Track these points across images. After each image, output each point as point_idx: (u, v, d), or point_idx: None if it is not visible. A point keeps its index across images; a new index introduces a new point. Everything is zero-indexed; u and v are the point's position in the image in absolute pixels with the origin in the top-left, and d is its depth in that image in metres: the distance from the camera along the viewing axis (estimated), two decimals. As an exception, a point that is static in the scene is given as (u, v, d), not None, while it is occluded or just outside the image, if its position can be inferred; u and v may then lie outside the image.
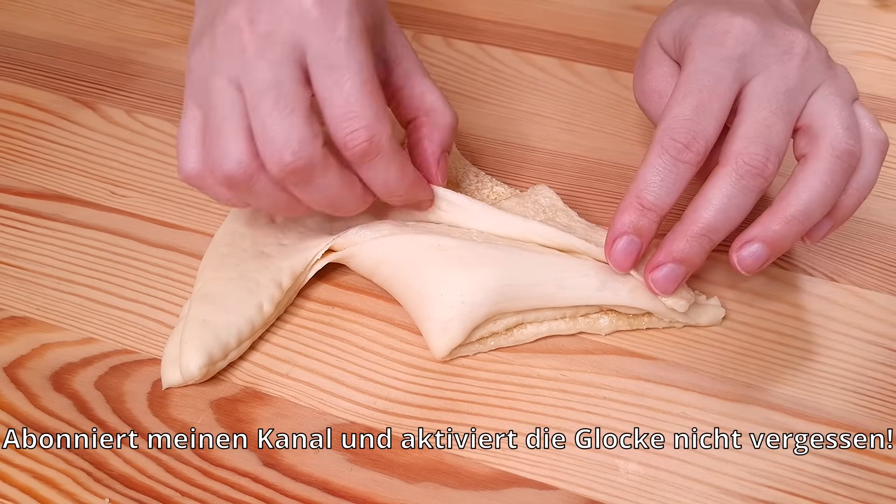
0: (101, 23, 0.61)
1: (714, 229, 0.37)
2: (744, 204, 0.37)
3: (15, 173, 0.50)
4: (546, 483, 0.36)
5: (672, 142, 0.37)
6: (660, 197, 0.37)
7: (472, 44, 0.58)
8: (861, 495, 0.35)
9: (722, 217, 0.37)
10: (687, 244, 0.37)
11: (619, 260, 0.38)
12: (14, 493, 0.36)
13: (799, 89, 0.38)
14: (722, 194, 0.37)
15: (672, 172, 0.37)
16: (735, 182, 0.36)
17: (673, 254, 0.37)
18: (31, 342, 0.41)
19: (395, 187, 0.38)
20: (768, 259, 0.37)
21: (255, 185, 0.36)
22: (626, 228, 0.38)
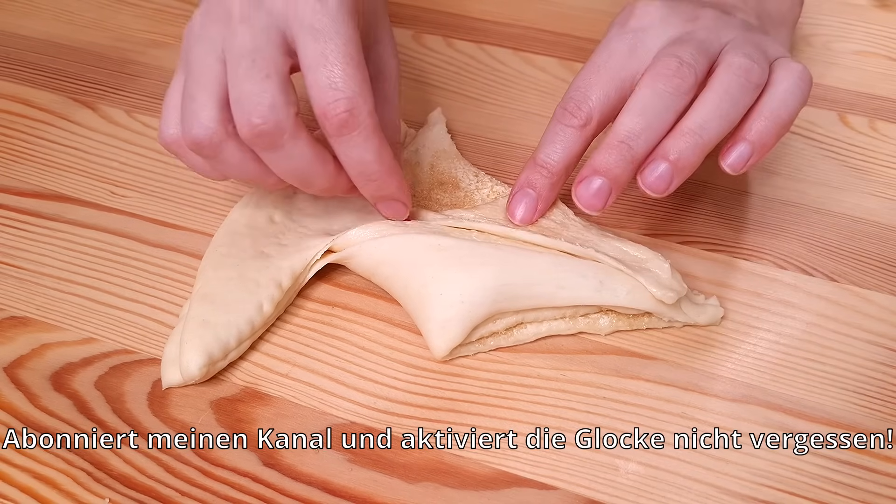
0: (101, 23, 0.61)
1: (633, 135, 0.38)
2: (661, 108, 0.38)
3: (15, 173, 0.50)
4: (546, 483, 0.36)
5: (562, 110, 0.40)
6: (549, 156, 0.40)
7: (472, 44, 0.58)
8: (861, 495, 0.35)
9: (640, 121, 0.38)
10: (608, 154, 0.38)
11: (512, 210, 0.42)
12: (14, 493, 0.36)
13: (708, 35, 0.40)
14: (637, 100, 0.38)
15: (560, 136, 0.40)
16: (650, 87, 0.38)
17: (595, 165, 0.38)
18: (31, 342, 0.41)
19: (369, 169, 0.38)
20: (673, 178, 0.38)
21: (222, 152, 0.37)
22: (521, 183, 0.41)
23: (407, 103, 0.53)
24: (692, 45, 0.39)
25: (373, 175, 0.38)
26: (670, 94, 0.38)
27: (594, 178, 0.38)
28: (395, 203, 0.41)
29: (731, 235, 0.46)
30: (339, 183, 0.39)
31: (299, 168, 0.37)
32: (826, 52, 0.58)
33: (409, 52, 0.58)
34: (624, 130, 0.38)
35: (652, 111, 0.38)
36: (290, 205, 0.45)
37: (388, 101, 0.43)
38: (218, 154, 0.37)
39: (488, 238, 0.41)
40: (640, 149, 0.38)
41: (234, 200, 0.46)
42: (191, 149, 0.37)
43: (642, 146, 0.38)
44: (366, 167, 0.38)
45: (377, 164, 0.38)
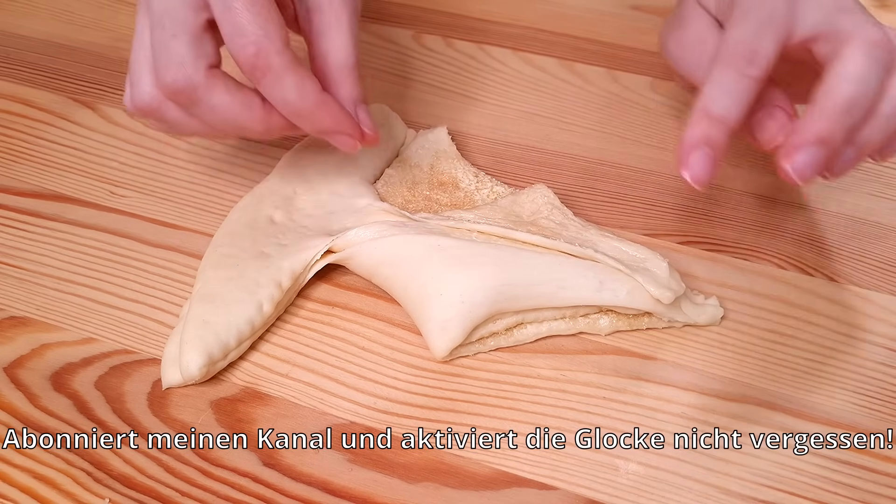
0: (101, 23, 0.61)
1: (856, 105, 0.35)
2: (876, 80, 0.35)
3: (15, 173, 0.50)
4: (546, 483, 0.36)
5: (736, 57, 0.36)
6: (727, 109, 0.36)
7: (472, 44, 0.58)
8: (861, 495, 0.35)
9: (862, 90, 0.35)
10: (832, 122, 0.35)
11: (696, 171, 0.37)
12: (14, 493, 0.36)
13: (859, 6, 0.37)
14: (856, 67, 0.35)
15: (738, 86, 0.36)
16: (867, 55, 0.35)
17: (817, 133, 0.35)
18: (31, 342, 0.41)
19: (295, 106, 0.38)
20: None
21: (165, 114, 0.39)
22: (696, 141, 0.36)
23: (407, 103, 0.53)
24: (867, 16, 0.37)
25: (301, 111, 0.39)
26: (882, 63, 0.35)
27: (814, 149, 0.35)
28: (339, 136, 0.41)
29: (731, 235, 0.46)
30: (273, 124, 0.40)
31: (226, 117, 0.39)
32: (826, 52, 0.57)
33: (409, 52, 0.58)
34: (847, 98, 0.35)
35: (871, 80, 0.35)
36: (290, 205, 0.45)
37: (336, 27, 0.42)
38: (162, 116, 0.39)
39: (488, 238, 0.41)
40: (859, 120, 0.36)
41: (234, 200, 0.46)
42: (138, 114, 0.40)
43: (860, 117, 0.36)
44: (290, 105, 0.38)
45: (300, 101, 0.38)
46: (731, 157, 0.50)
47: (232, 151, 0.51)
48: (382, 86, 0.55)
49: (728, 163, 0.50)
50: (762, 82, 0.37)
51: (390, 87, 0.55)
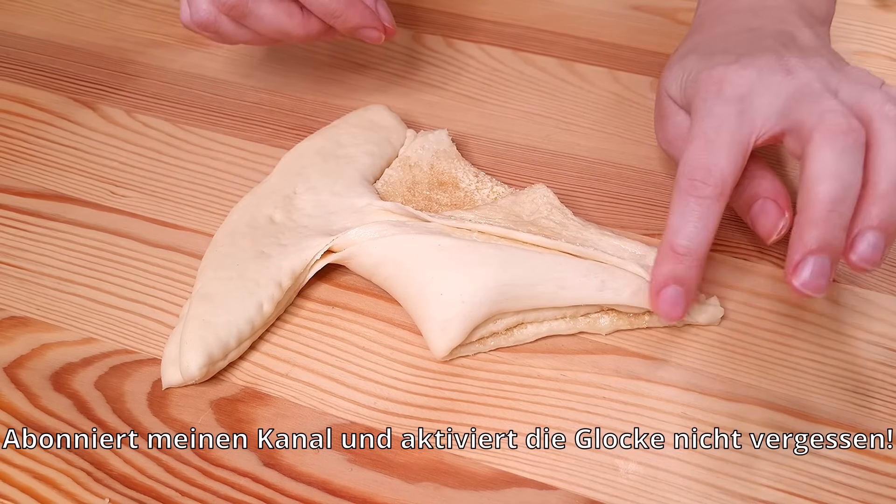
0: (101, 23, 0.61)
1: (839, 201, 0.34)
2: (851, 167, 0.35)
3: (15, 173, 0.50)
4: (546, 483, 0.36)
5: (689, 181, 0.37)
6: (692, 240, 0.36)
7: (472, 44, 0.58)
8: (861, 495, 0.35)
9: (839, 185, 0.34)
10: (821, 229, 0.34)
11: (666, 311, 0.37)
12: (14, 493, 0.36)
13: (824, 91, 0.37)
14: (824, 164, 0.34)
15: (696, 212, 0.36)
16: (829, 147, 0.35)
17: (811, 245, 0.34)
18: (31, 342, 0.41)
19: (329, 8, 0.46)
20: (885, 246, 0.35)
21: (220, 27, 0.47)
22: (665, 279, 0.37)
23: (407, 103, 0.53)
24: (827, 99, 0.36)
25: (335, 11, 0.46)
26: (851, 150, 0.35)
27: (815, 259, 0.34)
28: (366, 31, 0.48)
29: (731, 235, 0.45)
30: (311, 28, 0.47)
31: (272, 24, 0.46)
32: (826, 52, 0.57)
33: (409, 52, 0.58)
34: (828, 199, 0.34)
35: (846, 172, 0.34)
36: (290, 205, 0.45)
37: None
38: (217, 28, 0.47)
39: (489, 238, 0.41)
40: (847, 214, 0.35)
41: (234, 200, 0.46)
42: (198, 29, 0.47)
43: (848, 211, 0.35)
44: (324, 7, 0.46)
45: (334, 3, 0.46)
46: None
47: (232, 151, 0.51)
48: (382, 86, 0.55)
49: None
50: (725, 198, 0.37)
51: (390, 87, 0.55)
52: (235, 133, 0.52)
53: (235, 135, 0.52)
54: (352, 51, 0.58)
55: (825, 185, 0.34)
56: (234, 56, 0.58)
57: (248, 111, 0.54)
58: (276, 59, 0.57)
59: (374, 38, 0.48)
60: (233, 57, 0.57)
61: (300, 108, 0.53)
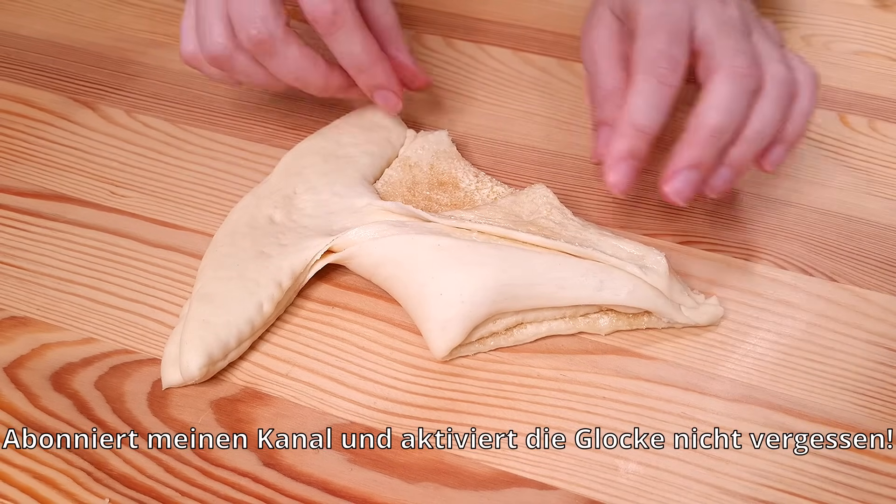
0: (101, 23, 0.61)
1: (722, 130, 0.39)
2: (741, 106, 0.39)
3: (15, 173, 0.50)
4: (546, 483, 0.36)
5: (656, 68, 0.40)
6: (653, 120, 0.39)
7: (472, 44, 0.58)
8: (861, 495, 0.35)
9: (727, 118, 0.39)
10: (701, 148, 0.39)
11: (618, 181, 0.40)
12: (14, 493, 0.36)
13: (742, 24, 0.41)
14: (722, 96, 0.39)
15: (658, 95, 0.39)
16: (730, 83, 0.39)
17: (688, 160, 0.39)
18: (31, 342, 0.41)
19: (358, 60, 0.44)
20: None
21: (235, 63, 0.44)
22: (622, 153, 0.40)
23: (407, 103, 0.53)
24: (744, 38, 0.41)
25: (362, 65, 0.44)
26: (747, 92, 0.39)
27: (688, 172, 0.39)
28: (386, 92, 0.46)
29: (731, 235, 0.46)
30: (332, 81, 0.46)
31: (295, 69, 0.44)
32: (826, 52, 0.58)
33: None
34: (714, 127, 0.39)
35: (736, 108, 0.39)
36: (290, 205, 0.45)
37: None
38: (231, 65, 0.44)
39: (489, 238, 0.41)
40: (726, 143, 0.39)
41: (234, 200, 0.46)
42: (209, 62, 0.44)
43: (727, 140, 0.39)
44: (354, 59, 0.44)
45: (365, 55, 0.44)
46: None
47: (232, 151, 0.51)
48: (382, 86, 0.55)
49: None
50: (679, 90, 0.40)
51: (390, 87, 0.55)
52: (235, 133, 0.52)
53: (235, 135, 0.52)
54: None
55: (715, 116, 0.38)
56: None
57: (248, 111, 0.54)
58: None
59: (391, 103, 0.47)
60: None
61: (300, 108, 0.53)
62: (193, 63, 0.46)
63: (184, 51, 0.45)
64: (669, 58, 0.40)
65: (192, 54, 0.45)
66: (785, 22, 0.61)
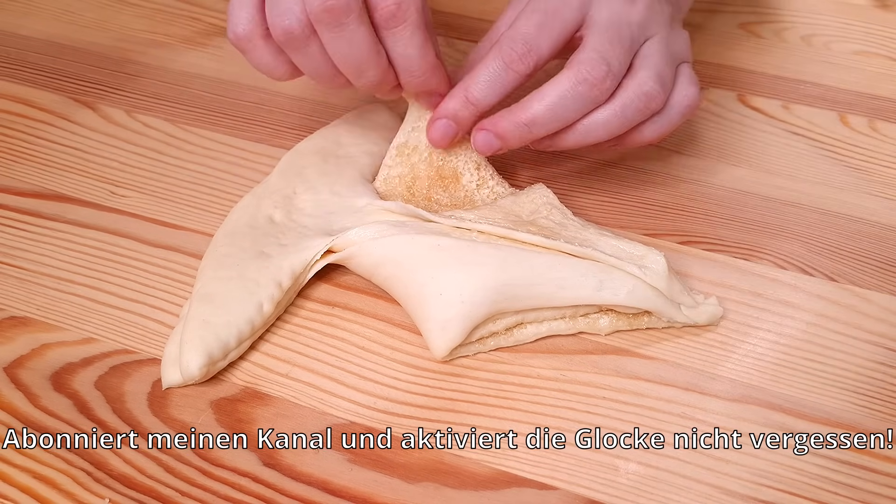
0: (102, 23, 0.61)
1: (537, 123, 0.40)
2: (573, 109, 0.40)
3: (15, 173, 0.50)
4: (546, 483, 0.36)
5: (510, 51, 0.40)
6: (485, 95, 0.41)
7: (472, 44, 0.58)
8: (861, 495, 0.35)
9: (549, 114, 0.40)
10: (511, 126, 0.41)
11: (435, 139, 0.43)
12: (14, 493, 0.36)
13: (639, 29, 0.41)
14: (556, 93, 0.40)
15: (501, 77, 0.40)
16: (573, 86, 0.40)
17: (497, 128, 0.41)
18: (31, 342, 0.41)
19: (414, 64, 0.41)
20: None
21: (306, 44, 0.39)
22: (447, 113, 0.42)
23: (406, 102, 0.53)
24: (623, 48, 0.41)
25: (416, 71, 0.41)
26: (585, 99, 0.40)
27: (492, 136, 0.41)
28: (435, 97, 0.44)
29: (731, 235, 0.46)
30: (388, 78, 0.41)
31: (357, 53, 0.39)
32: (826, 52, 0.58)
33: (409, 52, 0.57)
34: (531, 115, 0.40)
35: (562, 108, 0.40)
36: (290, 205, 0.45)
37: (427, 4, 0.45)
38: (301, 43, 0.39)
39: (489, 238, 0.41)
40: (538, 134, 0.41)
41: (234, 200, 0.46)
42: (281, 38, 0.39)
43: (541, 132, 0.41)
44: (411, 62, 0.41)
45: (421, 60, 0.41)
46: (731, 157, 0.50)
47: (232, 151, 0.51)
48: (382, 86, 0.55)
49: (727, 163, 0.50)
50: (529, 77, 0.41)
51: (390, 87, 0.55)
52: (235, 133, 0.52)
53: (235, 135, 0.52)
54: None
55: (539, 106, 0.40)
56: (234, 56, 0.57)
57: (248, 111, 0.54)
58: (276, 59, 0.57)
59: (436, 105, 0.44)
60: (233, 57, 0.57)
61: (300, 108, 0.53)
62: (244, 43, 0.41)
63: (236, 28, 0.40)
64: (528, 45, 0.40)
65: (246, 33, 0.40)
66: (785, 22, 0.61)
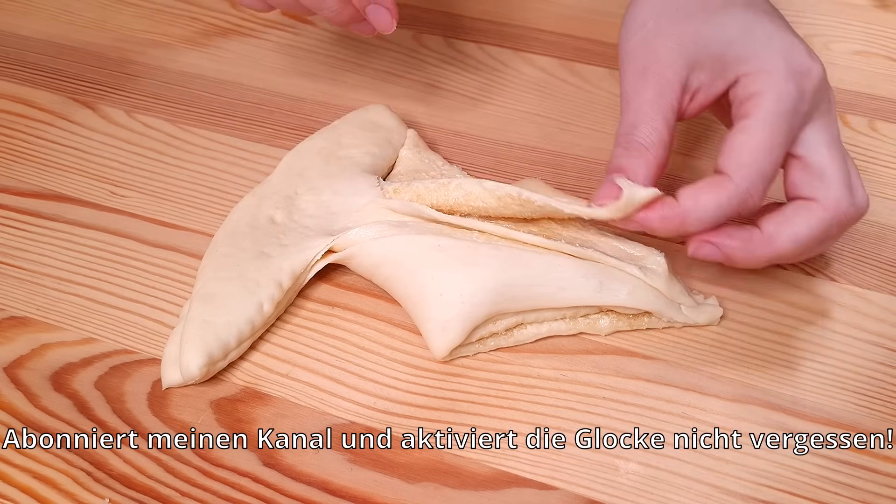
0: (101, 23, 0.61)
1: (780, 258, 0.38)
2: (817, 245, 0.38)
3: (15, 173, 0.50)
4: (546, 483, 0.36)
5: (752, 185, 0.36)
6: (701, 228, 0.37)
7: (472, 44, 0.58)
8: (861, 495, 0.35)
9: (795, 252, 0.38)
10: (746, 256, 0.38)
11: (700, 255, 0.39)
12: (14, 493, 0.36)
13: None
14: (807, 232, 0.37)
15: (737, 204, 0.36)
16: (826, 228, 0.37)
17: (727, 249, 0.37)
18: (31, 342, 0.41)
19: None
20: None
21: None
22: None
23: (407, 103, 0.53)
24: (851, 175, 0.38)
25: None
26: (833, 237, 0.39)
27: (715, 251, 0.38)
28: (379, 9, 0.44)
29: (731, 235, 0.45)
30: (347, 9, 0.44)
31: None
32: (826, 52, 0.57)
33: (409, 52, 0.58)
34: (775, 252, 0.38)
35: (807, 249, 0.38)
36: (291, 205, 0.45)
37: None
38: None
39: (489, 239, 0.41)
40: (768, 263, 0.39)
41: (234, 200, 0.46)
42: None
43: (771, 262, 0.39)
44: None
45: None
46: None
47: (232, 151, 0.51)
48: (382, 86, 0.55)
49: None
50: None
51: (390, 87, 0.55)
52: (235, 133, 0.52)
53: (235, 135, 0.52)
54: (352, 51, 0.58)
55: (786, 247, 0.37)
56: (234, 56, 0.57)
57: (248, 111, 0.54)
58: (277, 59, 0.57)
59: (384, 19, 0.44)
60: (233, 57, 0.57)
61: (300, 108, 0.53)
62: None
63: None
64: (765, 181, 0.37)
65: None
66: (785, 22, 0.61)
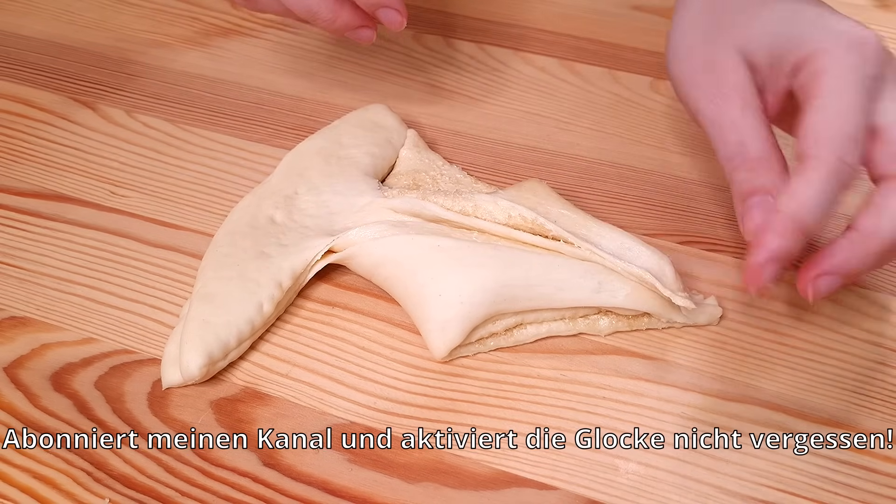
0: (102, 23, 0.61)
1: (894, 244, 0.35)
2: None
3: (15, 173, 0.50)
4: (546, 483, 0.36)
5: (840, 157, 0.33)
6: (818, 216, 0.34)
7: (472, 44, 0.58)
8: (861, 495, 0.35)
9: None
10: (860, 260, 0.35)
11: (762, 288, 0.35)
12: (14, 493, 0.36)
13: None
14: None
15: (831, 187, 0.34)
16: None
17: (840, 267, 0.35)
18: (31, 342, 0.41)
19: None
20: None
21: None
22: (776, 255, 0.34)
23: (407, 103, 0.53)
24: None
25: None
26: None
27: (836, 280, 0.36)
28: (389, 11, 0.45)
29: (731, 235, 0.46)
30: (341, 15, 0.44)
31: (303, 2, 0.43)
32: (826, 52, 0.57)
33: (409, 52, 0.58)
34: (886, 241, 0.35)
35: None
36: (291, 205, 0.45)
37: None
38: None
39: (488, 239, 0.41)
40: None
41: (234, 200, 0.46)
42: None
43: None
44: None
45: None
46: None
47: (232, 151, 0.51)
48: (382, 86, 0.55)
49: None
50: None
51: (390, 87, 0.55)
52: (235, 133, 0.52)
53: (235, 135, 0.52)
54: (352, 51, 0.58)
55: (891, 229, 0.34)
56: (234, 56, 0.58)
57: (248, 111, 0.54)
58: (277, 59, 0.57)
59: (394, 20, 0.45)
60: (233, 57, 0.57)
61: (300, 108, 0.53)
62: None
63: None
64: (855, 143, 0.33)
65: None
66: (785, 22, 0.61)
